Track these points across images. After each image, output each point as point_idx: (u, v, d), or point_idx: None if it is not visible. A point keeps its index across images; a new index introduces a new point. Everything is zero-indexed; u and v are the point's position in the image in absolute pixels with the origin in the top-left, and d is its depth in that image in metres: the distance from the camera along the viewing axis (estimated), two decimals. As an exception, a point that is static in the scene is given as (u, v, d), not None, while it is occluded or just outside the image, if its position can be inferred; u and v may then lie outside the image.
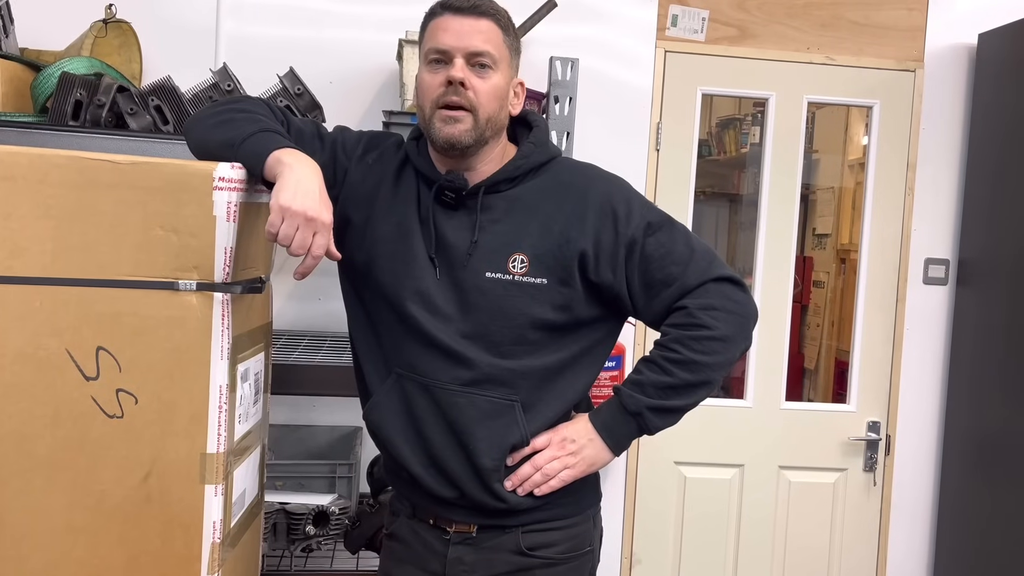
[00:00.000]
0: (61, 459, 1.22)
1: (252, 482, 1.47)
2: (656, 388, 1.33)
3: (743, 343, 1.35)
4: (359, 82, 2.42)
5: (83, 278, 1.21)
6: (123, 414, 1.23)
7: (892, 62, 2.62)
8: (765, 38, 2.59)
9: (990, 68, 2.57)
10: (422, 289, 1.34)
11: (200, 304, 1.23)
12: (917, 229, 2.66)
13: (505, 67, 1.34)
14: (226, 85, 1.98)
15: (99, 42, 2.14)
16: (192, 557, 1.25)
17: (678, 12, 2.55)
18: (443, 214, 1.36)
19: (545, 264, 1.32)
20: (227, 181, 1.22)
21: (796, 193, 2.64)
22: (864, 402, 2.68)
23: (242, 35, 2.38)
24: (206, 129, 1.33)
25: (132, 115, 1.90)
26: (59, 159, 1.21)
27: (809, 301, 4.26)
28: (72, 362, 1.22)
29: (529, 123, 1.42)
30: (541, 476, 1.34)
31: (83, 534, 1.24)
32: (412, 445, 1.37)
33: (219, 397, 1.25)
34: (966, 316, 2.63)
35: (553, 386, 1.36)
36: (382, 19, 2.42)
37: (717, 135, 4.29)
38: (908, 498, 2.71)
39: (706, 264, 1.35)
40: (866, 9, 2.61)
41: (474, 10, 1.31)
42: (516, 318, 1.32)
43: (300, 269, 1.22)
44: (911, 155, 2.64)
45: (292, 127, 1.40)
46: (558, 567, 1.38)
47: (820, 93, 2.63)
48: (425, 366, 1.35)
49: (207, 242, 1.22)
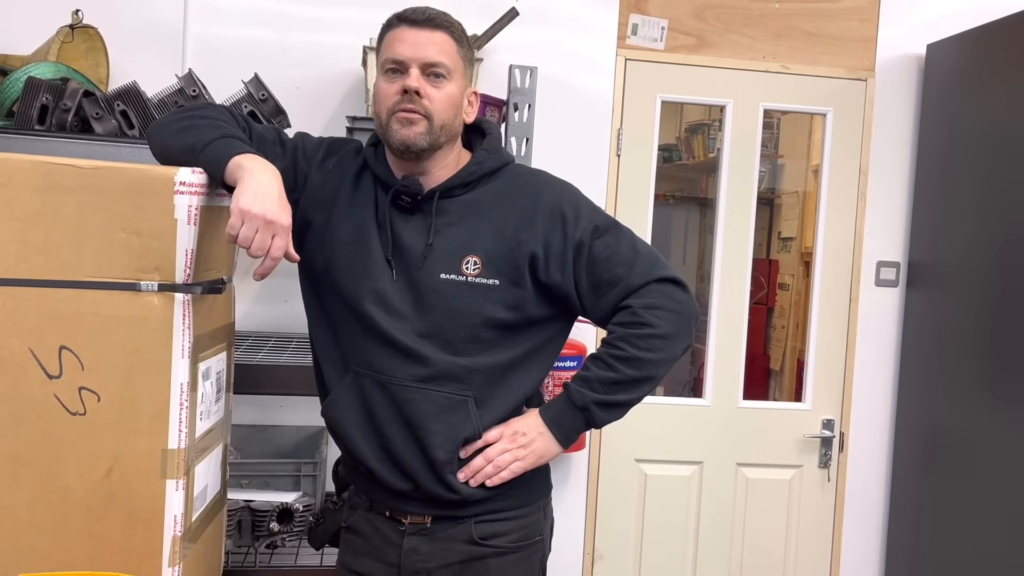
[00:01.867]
0: (24, 455, 1.25)
1: (214, 478, 1.50)
2: (602, 384, 1.38)
3: (685, 341, 1.41)
4: (324, 88, 2.45)
5: (46, 279, 1.24)
6: (85, 411, 1.26)
7: (844, 71, 2.71)
8: (723, 47, 2.66)
9: (938, 77, 2.66)
10: (379, 289, 1.39)
11: (161, 304, 1.27)
12: (869, 232, 2.74)
13: (459, 77, 1.39)
14: (191, 90, 2.01)
15: (66, 47, 2.16)
16: (153, 551, 1.28)
17: (638, 21, 2.61)
18: (400, 218, 1.41)
19: (497, 266, 1.38)
20: (188, 185, 1.26)
21: (753, 197, 2.71)
22: (819, 400, 2.76)
23: (208, 40, 2.41)
24: (169, 135, 1.37)
25: (98, 119, 1.93)
26: (23, 163, 1.24)
27: (775, 303, 4.32)
28: (35, 361, 1.24)
29: (483, 131, 1.48)
30: (493, 468, 1.39)
31: (47, 529, 1.26)
32: (369, 440, 1.42)
33: (180, 395, 1.28)
34: (916, 317, 2.71)
35: (505, 382, 1.41)
36: (347, 23, 2.45)
37: (686, 140, 4.35)
38: (861, 493, 2.79)
39: (649, 266, 1.40)
40: (820, 20, 2.69)
41: (429, 22, 1.36)
42: (470, 317, 1.37)
43: (259, 270, 1.26)
44: (863, 161, 2.73)
45: (254, 133, 1.44)
46: (509, 556, 1.43)
47: (776, 100, 2.71)
48: (382, 363, 1.39)
49: (168, 244, 1.25)
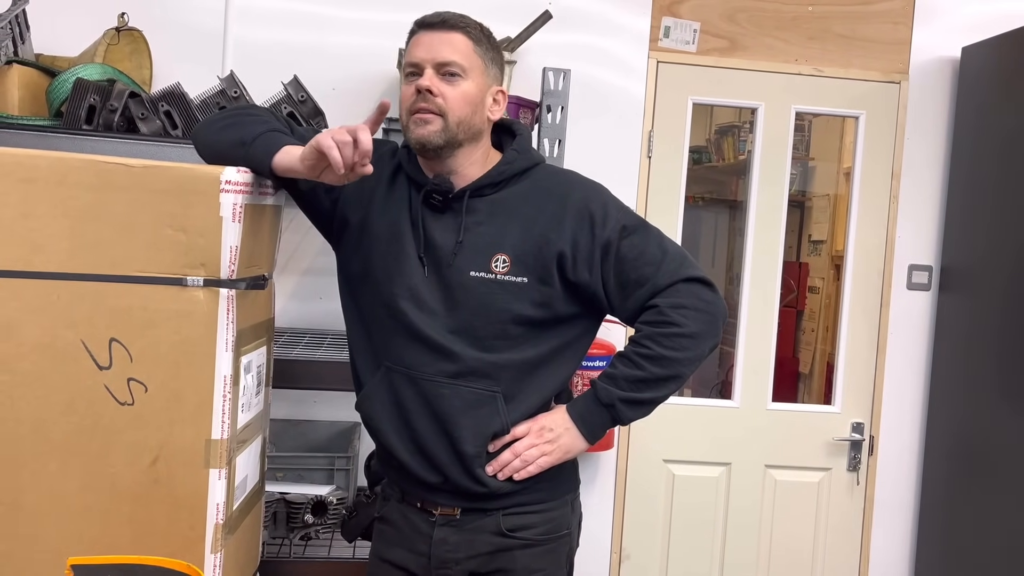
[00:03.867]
0: (75, 444, 1.30)
1: (253, 469, 1.55)
2: (628, 381, 1.41)
3: (711, 340, 1.43)
4: (361, 89, 2.49)
5: (97, 274, 1.29)
6: (133, 401, 1.31)
7: (878, 74, 2.70)
8: (755, 50, 2.67)
9: (973, 80, 2.65)
10: (411, 286, 1.43)
11: (207, 299, 1.31)
12: (901, 236, 2.73)
13: (477, 75, 1.42)
14: (232, 92, 2.06)
15: (111, 49, 2.22)
16: (196, 537, 1.33)
17: (670, 24, 2.63)
18: (431, 216, 1.44)
19: (526, 264, 1.41)
20: (233, 184, 1.30)
21: (784, 200, 2.72)
22: (848, 403, 2.76)
23: (248, 41, 2.46)
24: (216, 131, 1.41)
25: (143, 120, 1.99)
26: (76, 162, 1.29)
27: (804, 306, 4.31)
28: (87, 352, 1.30)
29: (513, 131, 1.51)
30: (520, 462, 1.42)
31: (95, 514, 1.31)
32: (400, 434, 1.45)
33: (223, 387, 1.33)
34: (948, 321, 2.70)
35: (533, 378, 1.44)
36: (383, 26, 2.49)
37: (716, 142, 4.34)
38: (891, 498, 2.78)
39: (677, 265, 1.42)
40: (853, 23, 2.69)
41: (443, 24, 1.41)
42: (498, 314, 1.40)
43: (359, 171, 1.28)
44: (896, 164, 2.72)
45: (296, 133, 1.49)
46: (536, 548, 1.47)
47: (808, 103, 2.71)
48: (412, 359, 1.43)
49: (214, 241, 1.30)
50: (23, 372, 1.29)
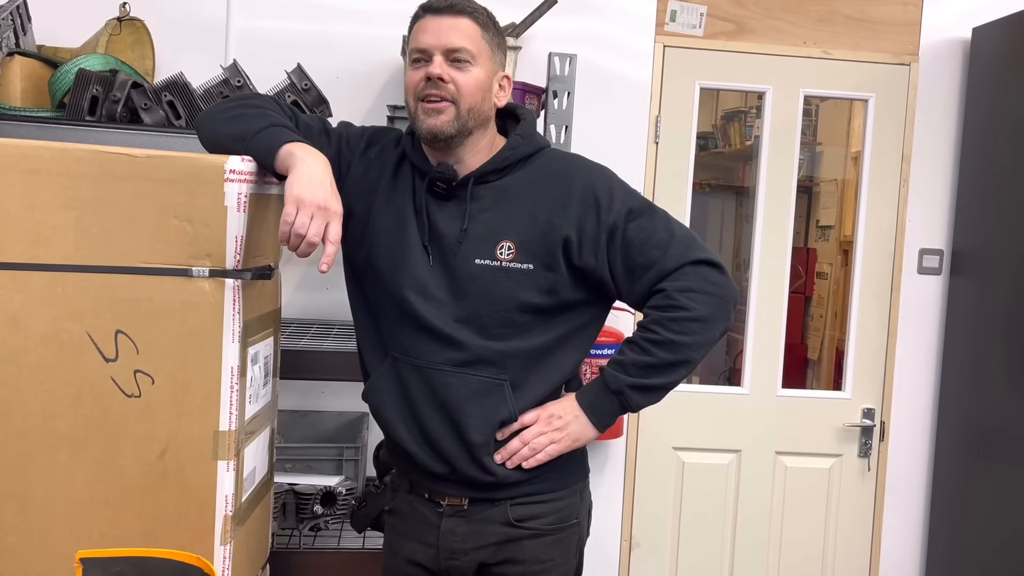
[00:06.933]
0: (83, 436, 1.30)
1: (262, 461, 1.54)
2: (637, 367, 1.39)
3: (722, 323, 1.40)
4: (365, 77, 2.48)
5: (103, 265, 1.28)
6: (141, 394, 1.30)
7: (888, 56, 2.67)
8: (762, 33, 2.64)
9: (984, 61, 2.61)
10: (417, 275, 1.41)
11: (213, 289, 1.30)
12: (912, 220, 2.71)
13: (485, 61, 1.40)
14: (236, 81, 2.05)
15: (113, 39, 2.21)
16: (206, 529, 1.33)
17: (676, 7, 2.60)
18: (435, 204, 1.43)
19: (531, 250, 1.39)
20: (238, 173, 1.29)
21: (792, 185, 2.69)
22: (859, 389, 2.74)
23: (251, 30, 2.45)
24: (218, 124, 1.40)
25: (146, 110, 1.97)
26: (80, 153, 1.28)
27: (812, 292, 4.29)
28: (93, 344, 1.29)
29: (517, 116, 1.48)
30: (529, 450, 1.41)
31: (104, 507, 1.31)
32: (407, 423, 1.44)
33: (231, 378, 1.32)
34: (959, 305, 2.68)
35: (540, 366, 1.43)
36: (387, 13, 2.48)
37: (722, 128, 4.31)
38: (902, 483, 2.76)
39: (685, 248, 1.40)
40: (862, 4, 2.66)
41: (451, 9, 1.38)
42: (504, 302, 1.39)
43: (324, 260, 1.26)
44: (906, 147, 2.69)
45: (300, 123, 1.47)
46: (545, 537, 1.45)
47: (816, 87, 2.68)
48: (418, 348, 1.42)
49: (219, 231, 1.29)
50: (30, 365, 1.28)
